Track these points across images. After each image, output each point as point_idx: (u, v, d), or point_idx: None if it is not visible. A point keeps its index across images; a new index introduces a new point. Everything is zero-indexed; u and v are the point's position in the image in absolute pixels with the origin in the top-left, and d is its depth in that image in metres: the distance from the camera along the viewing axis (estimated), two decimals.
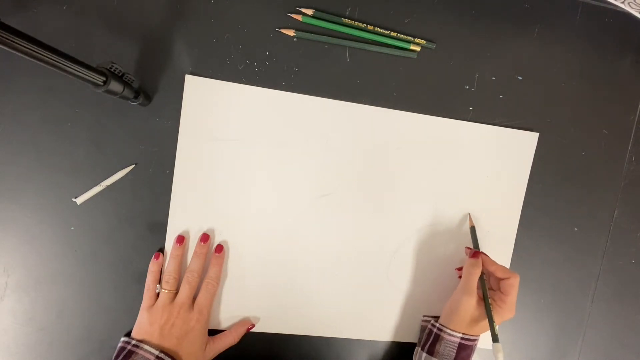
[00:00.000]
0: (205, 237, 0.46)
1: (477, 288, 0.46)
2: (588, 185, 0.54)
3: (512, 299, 0.44)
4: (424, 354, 0.46)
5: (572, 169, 0.54)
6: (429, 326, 0.48)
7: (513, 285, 0.44)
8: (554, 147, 0.53)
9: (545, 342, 0.55)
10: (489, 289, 0.47)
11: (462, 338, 0.44)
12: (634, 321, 0.57)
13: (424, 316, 0.51)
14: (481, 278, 0.46)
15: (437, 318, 0.49)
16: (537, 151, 0.52)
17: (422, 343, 0.48)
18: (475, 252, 0.47)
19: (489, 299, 0.45)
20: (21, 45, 0.27)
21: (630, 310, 0.57)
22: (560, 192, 0.54)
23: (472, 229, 0.50)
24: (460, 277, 0.50)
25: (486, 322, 0.44)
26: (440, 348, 0.45)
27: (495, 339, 0.42)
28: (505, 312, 0.44)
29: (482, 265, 0.46)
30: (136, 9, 0.44)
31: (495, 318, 0.44)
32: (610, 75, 0.54)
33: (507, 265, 0.53)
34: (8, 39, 0.26)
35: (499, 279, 0.46)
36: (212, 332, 0.46)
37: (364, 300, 0.50)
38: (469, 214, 0.51)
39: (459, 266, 0.51)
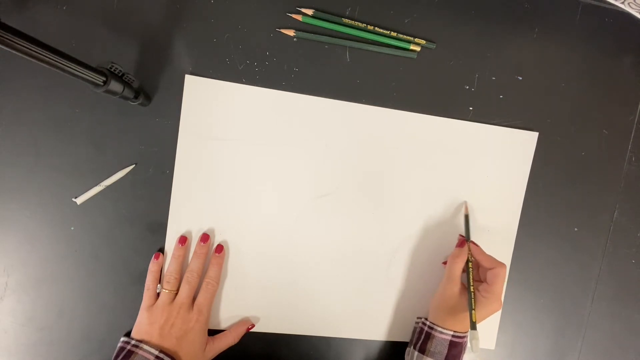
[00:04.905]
0: (205, 237, 0.46)
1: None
2: (588, 185, 0.54)
3: (497, 289, 0.44)
4: (416, 353, 0.46)
5: (572, 169, 0.54)
6: (420, 324, 0.48)
7: (498, 275, 0.44)
8: (554, 147, 0.53)
9: (545, 342, 0.55)
10: (477, 281, 0.47)
11: (453, 336, 0.44)
12: (634, 321, 0.57)
13: (417, 318, 0.51)
14: (467, 267, 0.46)
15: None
16: (537, 151, 0.52)
17: (413, 342, 0.48)
18: (461, 240, 0.47)
19: (475, 290, 0.45)
20: (21, 45, 0.27)
21: (630, 310, 0.57)
22: (560, 192, 0.54)
23: (466, 217, 0.49)
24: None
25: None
26: (432, 346, 0.45)
27: (473, 326, 0.42)
28: (491, 303, 0.44)
29: (471, 254, 0.46)
30: (136, 9, 0.44)
31: (481, 309, 0.44)
32: (610, 75, 0.54)
33: (507, 265, 0.53)
34: (8, 39, 0.26)
35: (486, 269, 0.45)
36: (212, 332, 0.46)
37: (364, 300, 0.50)
38: (465, 202, 0.50)
39: (445, 260, 0.51)
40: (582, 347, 0.56)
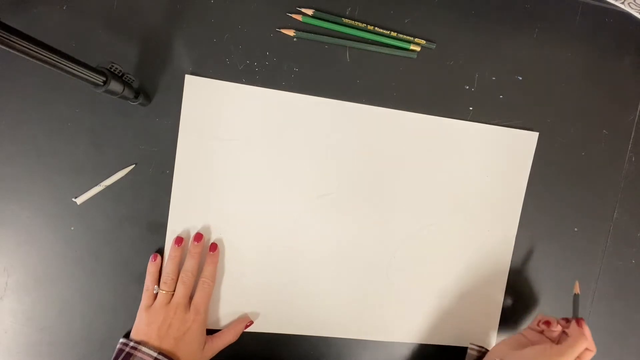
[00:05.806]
0: (198, 237, 0.46)
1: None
2: (588, 185, 0.54)
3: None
4: None
5: (572, 169, 0.54)
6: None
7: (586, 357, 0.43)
8: (554, 147, 0.53)
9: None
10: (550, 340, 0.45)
11: None
12: (634, 321, 0.57)
13: (470, 343, 0.50)
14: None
15: (486, 350, 0.48)
16: (537, 151, 0.52)
17: None
18: (578, 321, 0.44)
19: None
20: (21, 45, 0.27)
21: (630, 310, 0.57)
22: (560, 192, 0.54)
23: (576, 297, 0.47)
24: (540, 331, 0.47)
25: None
26: None
27: None
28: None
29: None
30: (136, 9, 0.44)
31: None
32: (610, 75, 0.54)
33: (507, 267, 0.53)
34: (8, 39, 0.26)
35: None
36: (212, 332, 0.46)
37: (364, 300, 0.50)
38: (577, 281, 0.49)
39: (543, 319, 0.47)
40: None
